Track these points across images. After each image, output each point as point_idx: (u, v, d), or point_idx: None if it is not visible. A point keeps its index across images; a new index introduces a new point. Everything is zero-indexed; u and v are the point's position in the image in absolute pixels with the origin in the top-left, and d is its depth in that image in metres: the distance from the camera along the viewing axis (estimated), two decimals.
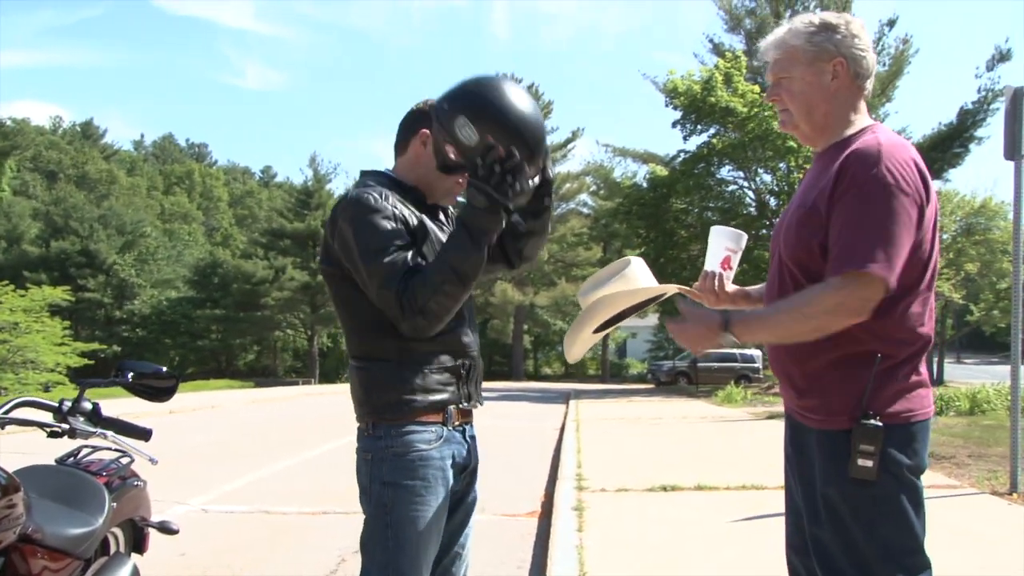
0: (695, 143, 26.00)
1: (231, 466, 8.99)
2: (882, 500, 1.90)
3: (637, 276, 2.22)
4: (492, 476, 2.60)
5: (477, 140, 1.95)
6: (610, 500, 6.40)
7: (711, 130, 25.30)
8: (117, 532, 2.67)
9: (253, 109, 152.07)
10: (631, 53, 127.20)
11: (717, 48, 29.29)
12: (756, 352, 29.78)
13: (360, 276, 2.06)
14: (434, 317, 1.99)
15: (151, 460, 2.58)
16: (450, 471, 2.14)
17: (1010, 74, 32.70)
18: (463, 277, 1.98)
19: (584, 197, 49.01)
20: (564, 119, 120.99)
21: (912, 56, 28.55)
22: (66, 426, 2.29)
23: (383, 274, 2.01)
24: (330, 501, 6.73)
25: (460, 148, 2.00)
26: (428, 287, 1.96)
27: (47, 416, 2.34)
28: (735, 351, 30.64)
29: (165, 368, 2.53)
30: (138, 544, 2.79)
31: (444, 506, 2.13)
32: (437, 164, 2.14)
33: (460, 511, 2.25)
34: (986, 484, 6.83)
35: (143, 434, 2.48)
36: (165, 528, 2.82)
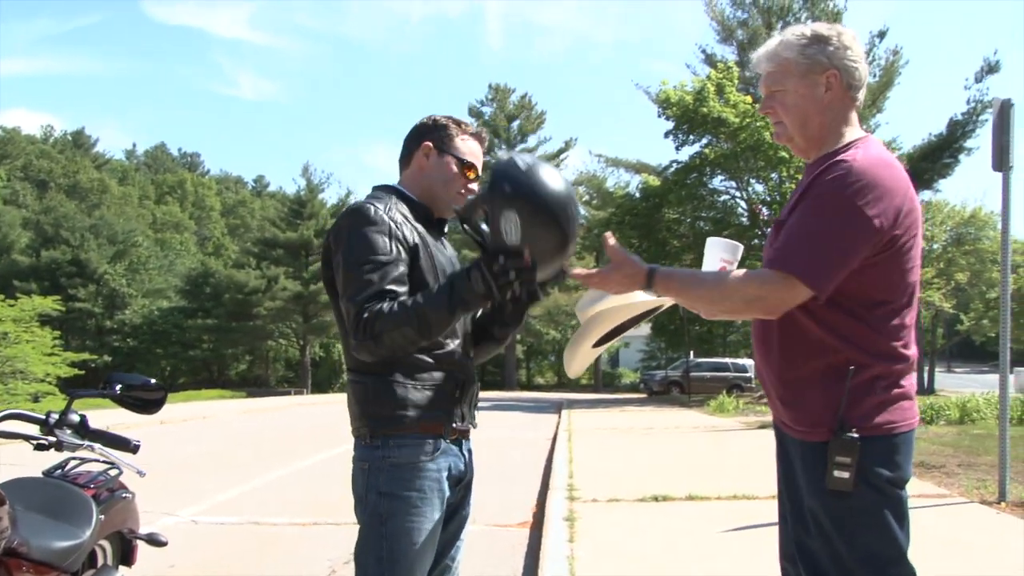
0: (687, 153, 26.14)
1: (222, 477, 8.95)
2: (861, 511, 1.91)
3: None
4: (484, 486, 2.59)
5: (515, 243, 1.87)
6: (602, 510, 6.40)
7: (703, 140, 25.38)
8: (105, 545, 2.66)
9: (246, 118, 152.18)
10: (624, 63, 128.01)
11: (709, 59, 29.41)
12: (748, 362, 29.82)
13: (338, 282, 2.09)
14: (384, 348, 1.98)
15: (139, 472, 2.58)
16: (446, 483, 2.14)
17: (999, 86, 32.98)
18: (425, 329, 1.97)
19: None
20: (557, 129, 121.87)
21: (902, 67, 28.83)
22: (53, 439, 2.29)
23: (355, 285, 2.02)
24: (321, 512, 6.71)
25: (494, 236, 1.90)
26: (391, 321, 1.95)
27: (34, 429, 2.33)
28: (727, 361, 30.69)
29: (154, 380, 2.53)
30: (126, 556, 2.79)
31: (440, 518, 2.13)
32: (460, 213, 1.99)
33: (453, 523, 2.25)
34: (975, 493, 6.86)
35: (131, 447, 2.48)
36: (154, 540, 2.81)
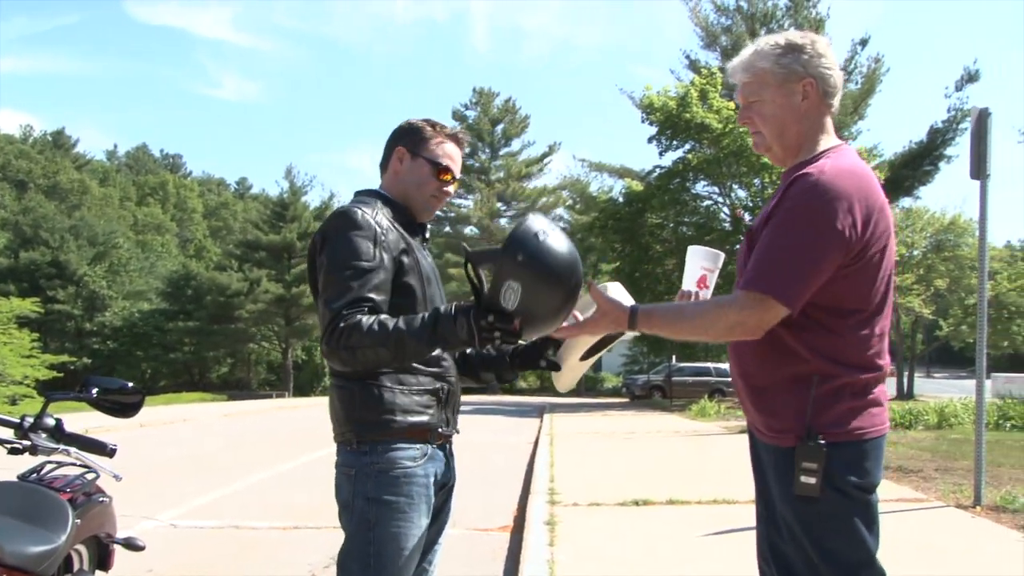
0: (671, 158, 26.27)
1: (202, 480, 8.90)
2: (829, 516, 1.93)
3: (619, 297, 2.24)
4: (465, 490, 2.58)
5: (511, 309, 1.84)
6: (582, 514, 6.41)
7: (686, 146, 25.52)
8: (81, 549, 2.64)
9: (229, 120, 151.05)
10: (609, 68, 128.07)
11: (693, 64, 29.59)
12: None
13: (319, 284, 2.08)
14: (355, 361, 1.95)
15: (115, 476, 2.56)
16: (432, 489, 2.15)
17: (978, 94, 33.39)
18: (400, 355, 1.95)
19: (560, 211, 49.29)
20: (541, 133, 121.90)
21: (884, 75, 29.14)
22: (27, 443, 2.28)
23: (334, 289, 2.01)
24: (302, 516, 6.68)
25: (491, 293, 1.85)
26: (368, 338, 1.92)
27: (8, 432, 2.32)
28: (709, 365, 30.81)
29: (131, 383, 2.52)
30: (103, 561, 2.77)
31: (426, 524, 2.14)
32: (469, 255, 1.90)
33: (434, 527, 2.25)
34: (951, 497, 6.93)
35: (107, 450, 2.47)
36: (131, 544, 2.79)
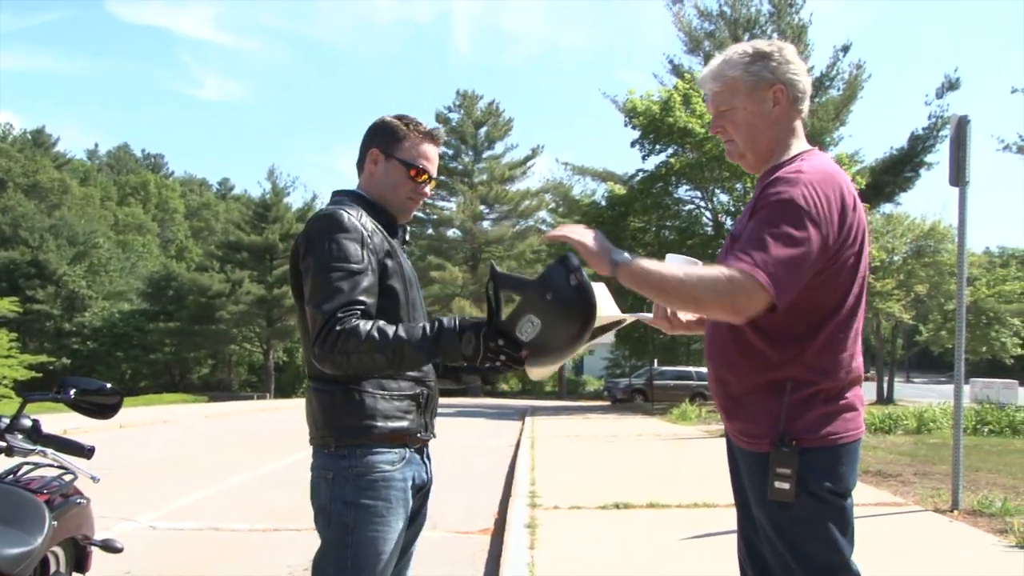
0: (653, 163, 26.34)
1: (182, 482, 8.85)
2: (803, 521, 1.95)
3: (599, 303, 2.24)
4: (446, 492, 2.59)
5: (523, 339, 1.84)
6: (563, 517, 6.42)
7: (669, 150, 25.61)
8: (58, 551, 2.62)
9: (211, 120, 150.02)
10: (592, 72, 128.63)
11: (677, 69, 29.68)
12: None
13: (306, 288, 2.05)
14: (348, 367, 1.94)
15: (92, 478, 2.54)
16: (410, 492, 2.14)
17: (959, 102, 33.79)
18: (397, 363, 1.93)
19: (543, 214, 49.36)
20: (524, 136, 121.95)
21: (865, 81, 29.31)
22: (3, 444, 2.26)
23: (325, 293, 1.98)
24: (283, 518, 6.65)
25: (509, 321, 1.85)
26: (366, 342, 1.90)
27: None
28: (691, 369, 30.94)
29: (109, 384, 2.50)
30: (80, 563, 2.75)
31: (403, 528, 2.13)
32: (497, 277, 1.90)
33: (410, 531, 2.25)
34: (929, 502, 6.99)
35: (84, 452, 2.45)
36: (109, 546, 2.77)
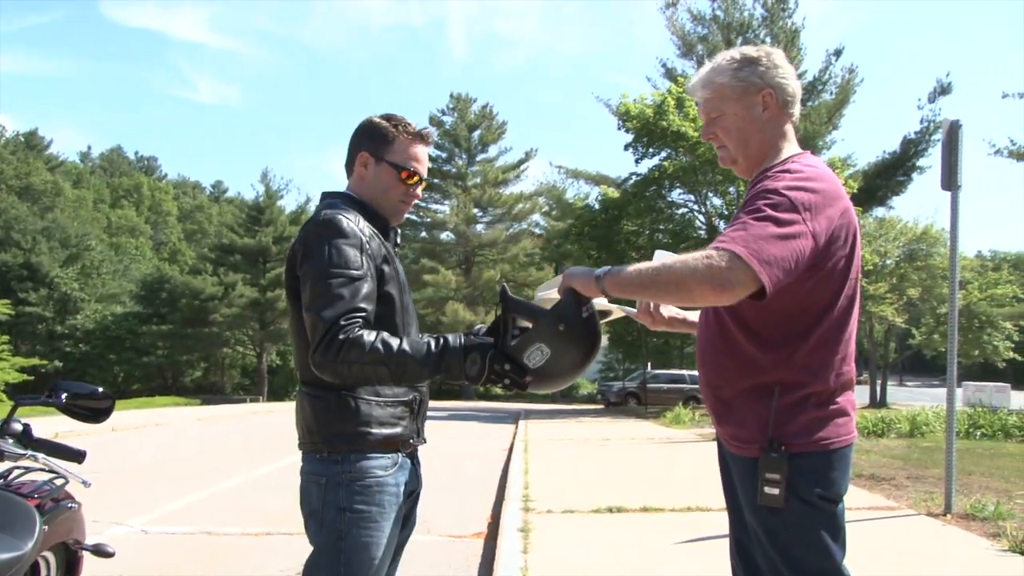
0: (647, 166, 26.38)
1: (174, 485, 8.82)
2: (794, 526, 1.94)
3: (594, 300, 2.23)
4: (439, 496, 2.59)
5: (530, 366, 1.86)
6: (556, 521, 6.41)
7: (662, 153, 25.66)
8: (49, 556, 2.61)
9: (205, 123, 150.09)
10: (586, 76, 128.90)
11: (670, 73, 29.70)
12: None
13: (304, 294, 2.02)
14: (349, 376, 1.92)
15: (84, 482, 2.53)
16: (403, 498, 2.14)
17: (951, 106, 33.95)
18: (399, 376, 1.92)
19: (536, 217, 49.54)
20: (518, 139, 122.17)
21: (858, 85, 29.34)
22: None
23: (325, 299, 1.95)
24: (275, 522, 6.63)
25: (518, 346, 1.87)
26: (369, 353, 1.88)
27: None
28: (684, 372, 30.95)
29: (101, 388, 2.50)
30: (71, 568, 2.74)
31: (396, 533, 2.13)
32: (508, 299, 1.94)
33: (401, 535, 2.24)
34: (922, 505, 7.00)
35: (76, 456, 2.44)
36: (100, 551, 2.76)
